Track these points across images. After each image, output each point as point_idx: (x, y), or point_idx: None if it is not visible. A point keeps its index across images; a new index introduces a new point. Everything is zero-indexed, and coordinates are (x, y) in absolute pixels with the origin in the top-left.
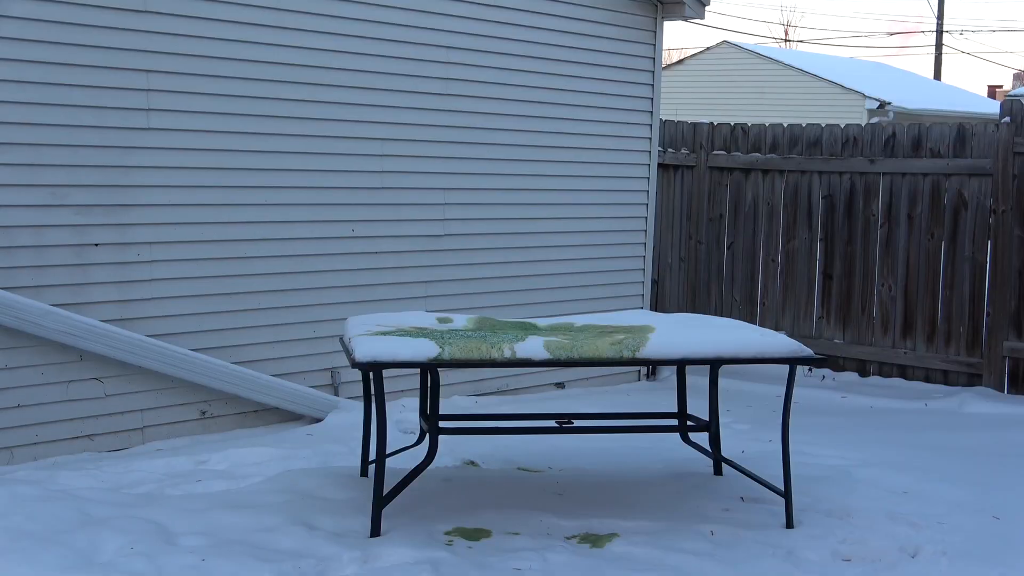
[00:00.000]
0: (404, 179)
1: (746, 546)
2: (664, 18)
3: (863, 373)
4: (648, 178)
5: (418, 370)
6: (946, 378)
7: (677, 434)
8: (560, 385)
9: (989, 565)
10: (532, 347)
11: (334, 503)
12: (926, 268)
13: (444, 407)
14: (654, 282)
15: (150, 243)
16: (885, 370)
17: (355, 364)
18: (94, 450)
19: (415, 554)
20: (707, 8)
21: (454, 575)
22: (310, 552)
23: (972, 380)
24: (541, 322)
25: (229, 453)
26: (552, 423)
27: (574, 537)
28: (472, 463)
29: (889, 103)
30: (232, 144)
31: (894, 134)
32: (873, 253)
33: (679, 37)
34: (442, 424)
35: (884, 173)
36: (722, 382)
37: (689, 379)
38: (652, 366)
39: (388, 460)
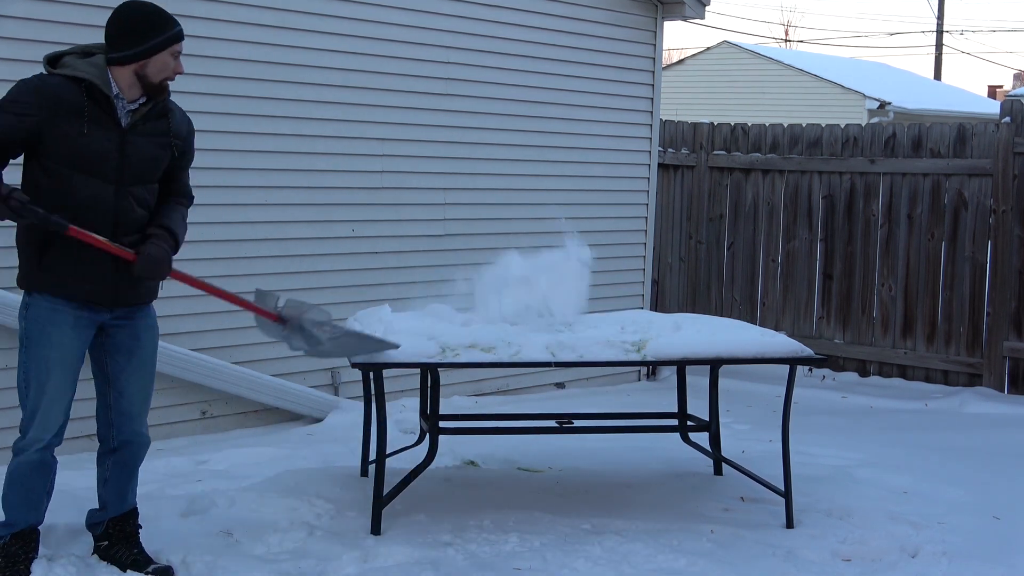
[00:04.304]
0: (404, 179)
1: (746, 546)
2: (664, 18)
3: (863, 373)
4: (648, 178)
5: (418, 370)
6: (946, 378)
7: (677, 434)
8: (560, 385)
9: (989, 565)
10: (533, 347)
11: (334, 503)
12: (926, 268)
13: (444, 407)
14: (654, 282)
15: None
16: (885, 370)
17: (355, 364)
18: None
19: (415, 554)
20: (707, 8)
21: (454, 575)
22: (310, 552)
23: (972, 380)
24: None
25: (229, 453)
26: (552, 423)
27: (574, 536)
28: (472, 463)
29: (889, 103)
30: (232, 144)
31: (894, 134)
32: (873, 253)
33: (679, 37)
34: (442, 424)
35: (884, 173)
36: (722, 382)
37: (689, 379)
38: (652, 366)
39: (388, 460)
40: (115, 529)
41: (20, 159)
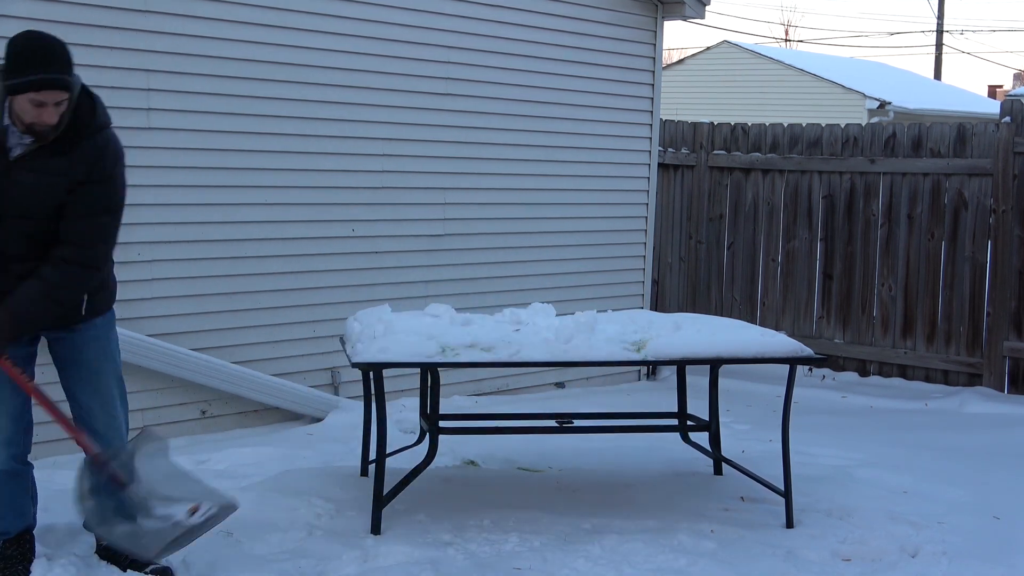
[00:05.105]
0: (404, 179)
1: (746, 546)
2: (664, 18)
3: (863, 373)
4: (648, 178)
5: (418, 370)
6: (946, 378)
7: (677, 434)
8: (560, 385)
9: (989, 565)
10: (533, 347)
11: (334, 503)
12: (926, 268)
13: (444, 407)
14: (654, 282)
15: (150, 243)
16: (885, 370)
17: (355, 364)
18: None
19: (415, 553)
20: (707, 8)
21: (454, 575)
22: (310, 552)
23: (972, 380)
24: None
25: (229, 453)
26: (552, 423)
27: (574, 536)
28: (472, 463)
29: (889, 103)
30: (232, 144)
31: (894, 134)
32: (873, 253)
33: (679, 37)
34: (442, 424)
35: (884, 173)
36: (722, 382)
37: (689, 379)
38: (652, 366)
39: (388, 460)
40: None
41: None
